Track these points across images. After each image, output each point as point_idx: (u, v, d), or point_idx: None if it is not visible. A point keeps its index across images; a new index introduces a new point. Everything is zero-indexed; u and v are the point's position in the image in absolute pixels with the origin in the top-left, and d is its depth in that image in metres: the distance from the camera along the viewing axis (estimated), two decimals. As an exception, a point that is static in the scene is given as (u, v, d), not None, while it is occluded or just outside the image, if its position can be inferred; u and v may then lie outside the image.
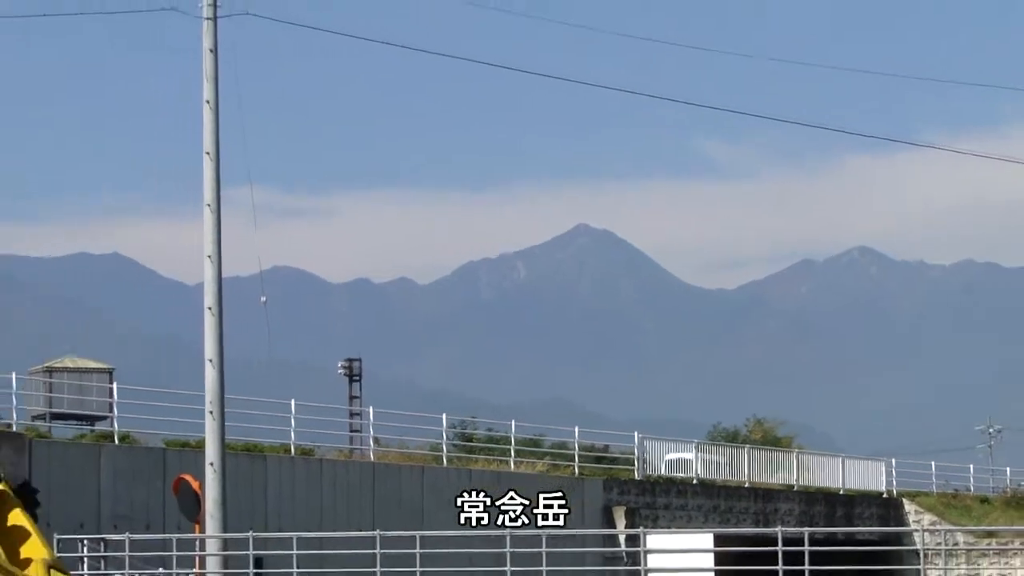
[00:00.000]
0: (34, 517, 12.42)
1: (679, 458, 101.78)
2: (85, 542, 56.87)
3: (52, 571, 12.18)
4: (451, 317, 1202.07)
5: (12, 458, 17.42)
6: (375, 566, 53.84)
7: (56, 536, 29.36)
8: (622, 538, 68.84)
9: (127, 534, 56.68)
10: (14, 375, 70.93)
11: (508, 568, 51.83)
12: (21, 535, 12.23)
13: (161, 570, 59.21)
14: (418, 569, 53.60)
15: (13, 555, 12.12)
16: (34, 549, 12.23)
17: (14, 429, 64.10)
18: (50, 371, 75.38)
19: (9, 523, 12.24)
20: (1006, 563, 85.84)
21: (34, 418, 68.80)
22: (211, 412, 62.20)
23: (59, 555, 12.33)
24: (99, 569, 54.82)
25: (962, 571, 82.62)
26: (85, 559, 54.30)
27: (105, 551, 56.73)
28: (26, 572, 12.02)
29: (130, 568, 56.37)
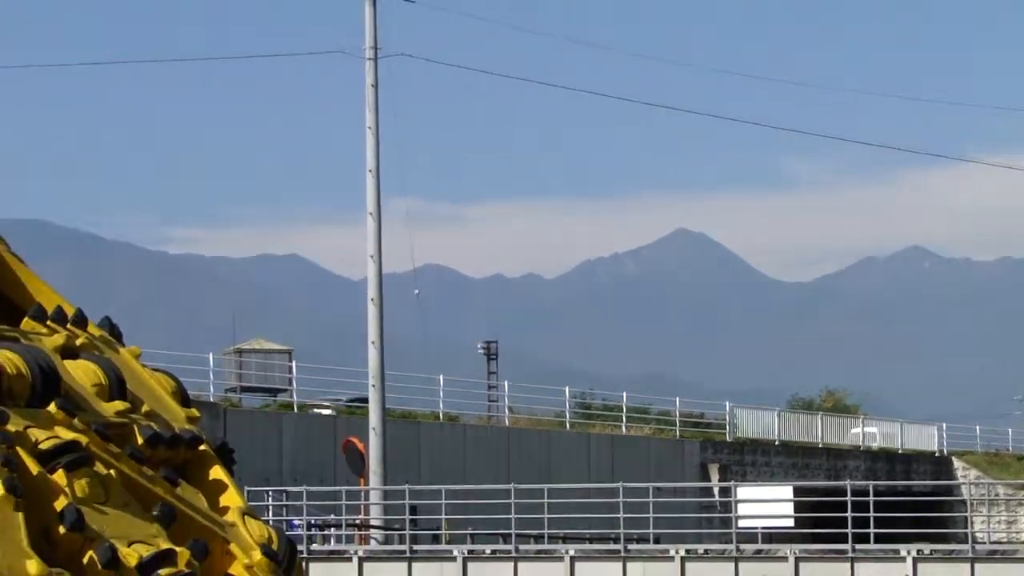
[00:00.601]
0: (230, 472, 12.53)
1: (869, 432, 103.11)
2: (270, 493, 57.33)
3: (245, 517, 12.30)
4: (572, 306, 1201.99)
5: (209, 424, 17.37)
6: (510, 513, 53.92)
7: (246, 488, 29.88)
8: (716, 490, 68.68)
9: (304, 487, 56.90)
10: (211, 355, 71.52)
11: (621, 515, 51.83)
12: (220, 487, 12.34)
13: (332, 516, 59.53)
14: (545, 516, 53.67)
15: (214, 504, 12.23)
16: (231, 499, 12.35)
17: (211, 400, 64.99)
18: (240, 352, 75.94)
19: (210, 477, 12.35)
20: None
21: (227, 391, 69.29)
22: (373, 385, 62.69)
23: (250, 504, 12.44)
24: (282, 515, 55.22)
25: (1002, 517, 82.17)
26: (270, 507, 54.65)
27: (286, 501, 57.08)
28: (224, 518, 12.13)
29: (307, 515, 56.68)
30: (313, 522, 56.11)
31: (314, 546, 52.48)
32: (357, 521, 59.44)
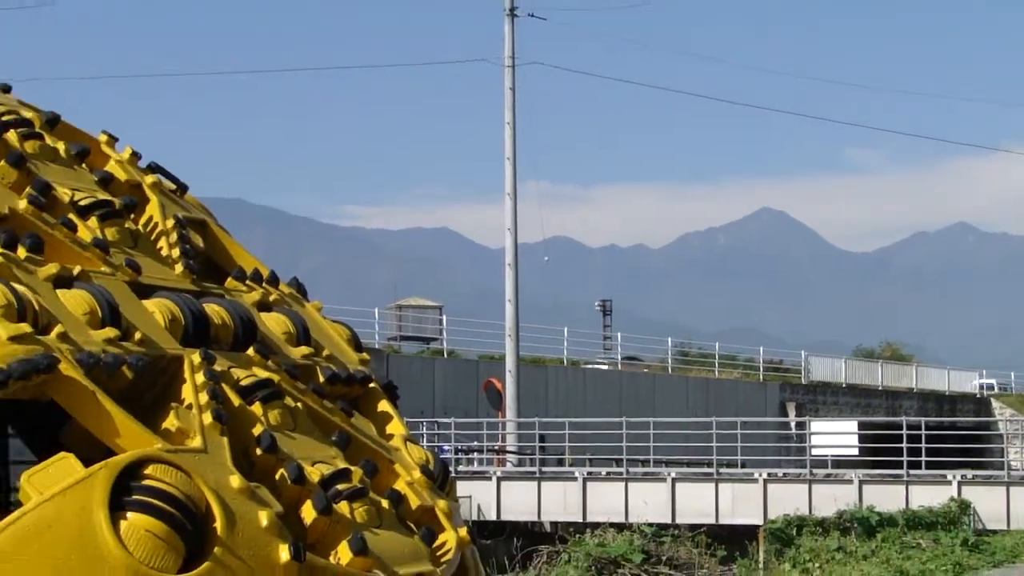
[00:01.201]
0: (394, 406, 12.65)
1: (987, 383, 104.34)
2: (424, 424, 57.48)
3: (407, 442, 12.42)
4: (673, 271, 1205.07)
5: (376, 366, 17.69)
6: (622, 442, 54.00)
7: (406, 420, 29.77)
8: (792, 424, 68.47)
9: (452, 419, 57.05)
10: (376, 310, 72.14)
11: (714, 444, 51.75)
12: (386, 418, 12.42)
13: (475, 443, 59.72)
14: (651, 445, 53.72)
15: (381, 432, 12.32)
16: (395, 427, 12.44)
17: (377, 347, 65.59)
18: (399, 308, 76.27)
19: (378, 410, 12.45)
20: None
21: (389, 339, 69.46)
22: (509, 336, 63.02)
23: (410, 432, 12.57)
24: (434, 443, 55.40)
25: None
26: (425, 436, 54.73)
27: (438, 431, 57.24)
28: (390, 443, 12.24)
29: (454, 442, 56.90)
30: (459, 448, 56.28)
31: (460, 467, 52.67)
32: (495, 447, 59.60)
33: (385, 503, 11.09)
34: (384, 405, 12.46)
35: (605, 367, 79.65)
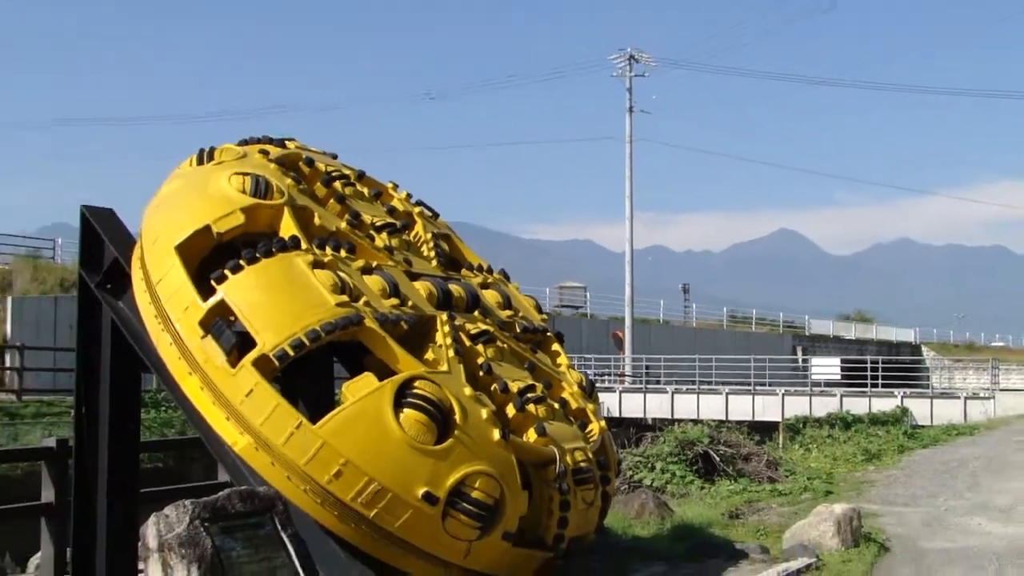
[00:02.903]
0: (561, 347, 12.66)
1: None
2: (576, 359, 57.63)
3: (569, 368, 12.43)
4: (728, 266, 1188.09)
5: (550, 323, 17.59)
6: (695, 370, 53.88)
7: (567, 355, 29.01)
8: (800, 360, 67.77)
9: (593, 355, 56.94)
10: (547, 288, 71.74)
11: (752, 372, 51.77)
12: (556, 354, 12.47)
13: (607, 370, 59.43)
14: (713, 370, 53.59)
15: (554, 362, 12.34)
16: (562, 360, 12.49)
17: (548, 311, 65.48)
18: (561, 288, 76.22)
19: (552, 349, 12.48)
20: None
21: (554, 307, 68.78)
22: (628, 305, 62.74)
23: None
24: (583, 369, 55.15)
25: (946, 376, 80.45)
26: (577, 365, 54.31)
27: (584, 363, 57.04)
28: (559, 369, 12.25)
29: (595, 369, 56.70)
30: (597, 373, 56.15)
31: (598, 384, 52.49)
32: (619, 373, 59.46)
33: (556, 405, 11.21)
34: (556, 347, 12.57)
35: (684, 323, 79.16)
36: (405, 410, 9.29)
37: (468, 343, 10.71)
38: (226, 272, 9.72)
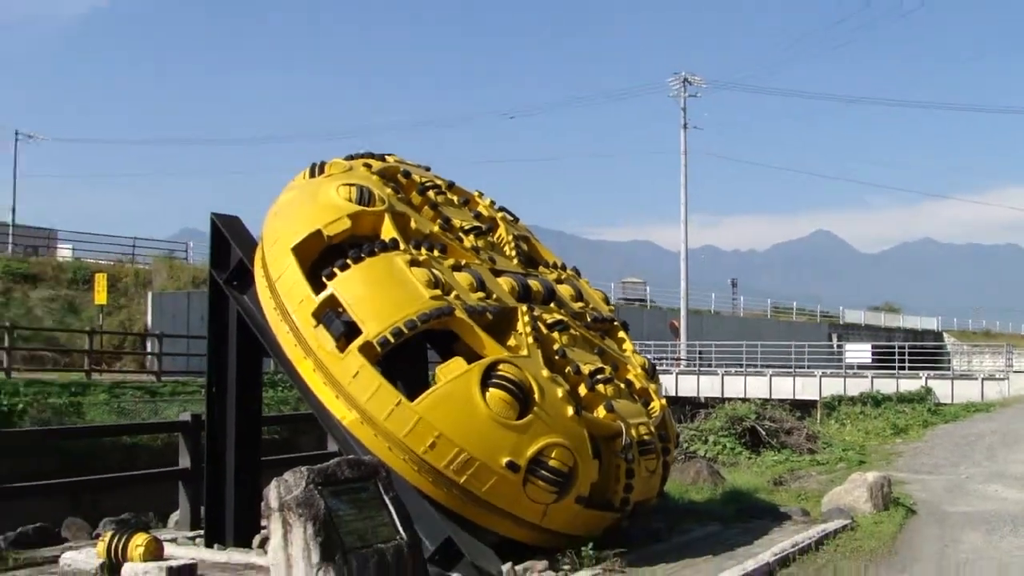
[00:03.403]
0: (627, 333, 12.60)
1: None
2: (638, 344, 57.19)
3: (633, 352, 12.35)
4: (769, 263, 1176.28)
5: (616, 313, 17.24)
6: (742, 354, 53.60)
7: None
8: (835, 346, 66.99)
9: (652, 343, 56.65)
10: (612, 284, 71.39)
11: (793, 356, 51.37)
12: (622, 341, 12.38)
13: (664, 354, 59.05)
14: (759, 355, 53.27)
15: (620, 347, 12.28)
16: (627, 345, 12.38)
17: (613, 303, 65.31)
18: (624, 284, 75.81)
19: (619, 335, 12.40)
20: None
21: (618, 299, 68.06)
22: (683, 297, 62.43)
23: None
24: (644, 353, 55.21)
25: (965, 360, 79.06)
26: (639, 350, 54.34)
27: (644, 348, 56.72)
28: (625, 353, 12.16)
29: (654, 354, 56.37)
30: (655, 357, 55.86)
31: (657, 367, 52.37)
32: (675, 357, 59.11)
33: (623, 385, 11.15)
34: (621, 334, 12.52)
35: (732, 314, 78.52)
36: (491, 389, 9.36)
37: (545, 331, 10.69)
38: (335, 270, 9.85)
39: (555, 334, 10.77)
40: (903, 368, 48.47)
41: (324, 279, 9.86)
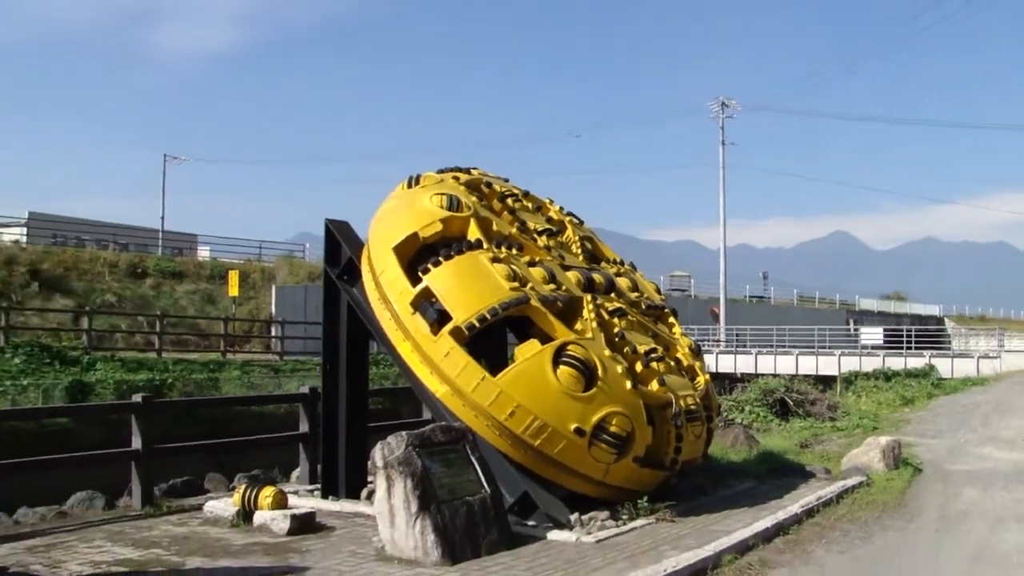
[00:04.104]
0: (676, 319, 12.46)
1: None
2: (683, 329, 56.73)
3: (682, 335, 12.21)
4: (795, 260, 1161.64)
5: (666, 302, 16.95)
6: (772, 337, 53.03)
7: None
8: (852, 329, 66.07)
9: (696, 327, 56.04)
10: (661, 277, 70.63)
11: (815, 338, 50.84)
12: (672, 325, 12.26)
13: (706, 337, 58.25)
14: (787, 336, 52.67)
15: (670, 330, 12.14)
16: (676, 329, 12.21)
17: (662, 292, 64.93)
18: (672, 276, 75.06)
19: (669, 321, 12.27)
20: None
21: (667, 289, 67.63)
22: (722, 287, 61.77)
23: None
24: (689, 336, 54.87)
25: (963, 341, 77.47)
26: (684, 333, 54.02)
27: (688, 332, 55.99)
28: (675, 336, 12.03)
29: (697, 336, 55.71)
30: (698, 339, 55.36)
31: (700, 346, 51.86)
32: (716, 339, 58.51)
33: (672, 363, 11.01)
34: (672, 319, 12.36)
35: (762, 303, 77.57)
36: (561, 367, 9.32)
37: (607, 317, 10.60)
38: (429, 266, 9.88)
39: (615, 319, 10.68)
40: (910, 348, 47.71)
41: (420, 274, 9.89)
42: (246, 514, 9.76)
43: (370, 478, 11.01)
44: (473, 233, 10.45)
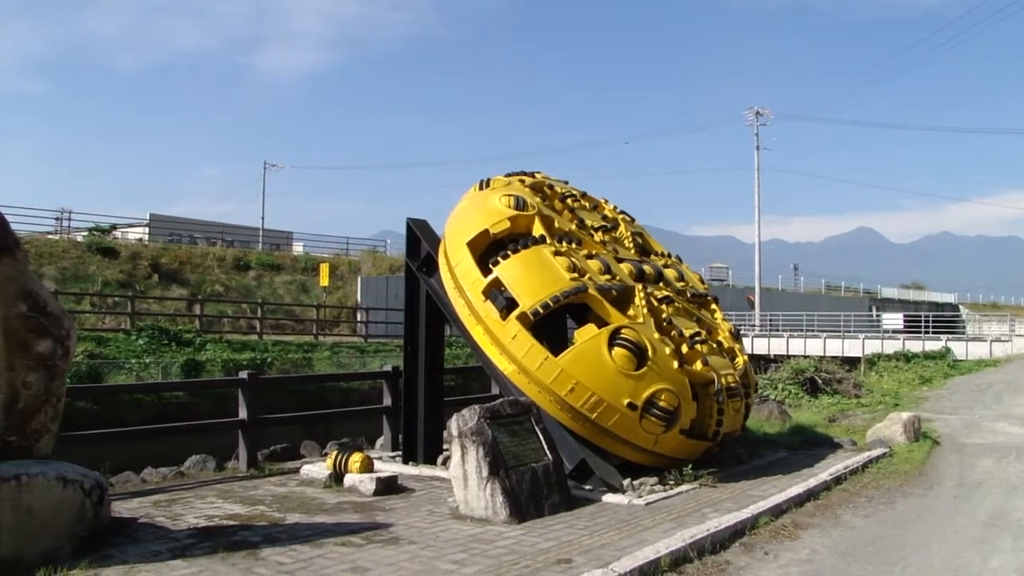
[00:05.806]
0: (719, 306, 12.34)
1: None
2: (723, 314, 55.96)
3: (723, 320, 12.04)
4: (823, 253, 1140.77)
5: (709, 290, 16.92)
6: (802, 321, 52.22)
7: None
8: (875, 315, 65.08)
9: (734, 313, 55.30)
10: (703, 268, 69.83)
11: (841, 323, 50.01)
12: (714, 311, 12.12)
13: (743, 323, 57.47)
14: (816, 320, 51.87)
15: (712, 316, 12.01)
16: (718, 315, 12.06)
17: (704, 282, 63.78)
18: (711, 267, 74.17)
19: (711, 307, 12.13)
20: None
21: (707, 280, 66.74)
22: (757, 278, 60.87)
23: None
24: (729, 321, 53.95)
25: (977, 326, 75.65)
26: (724, 318, 53.28)
27: (727, 317, 55.34)
28: (716, 321, 11.87)
29: (735, 321, 54.82)
30: (736, 324, 54.41)
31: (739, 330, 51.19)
32: (752, 324, 57.78)
33: (714, 345, 10.89)
34: (714, 306, 12.21)
35: (793, 289, 76.48)
36: (615, 348, 9.28)
37: (656, 304, 10.50)
38: (499, 259, 9.92)
39: (663, 306, 10.59)
40: (928, 332, 46.70)
41: (491, 266, 9.93)
42: (337, 476, 9.87)
43: (445, 446, 11.09)
44: (537, 230, 10.45)
